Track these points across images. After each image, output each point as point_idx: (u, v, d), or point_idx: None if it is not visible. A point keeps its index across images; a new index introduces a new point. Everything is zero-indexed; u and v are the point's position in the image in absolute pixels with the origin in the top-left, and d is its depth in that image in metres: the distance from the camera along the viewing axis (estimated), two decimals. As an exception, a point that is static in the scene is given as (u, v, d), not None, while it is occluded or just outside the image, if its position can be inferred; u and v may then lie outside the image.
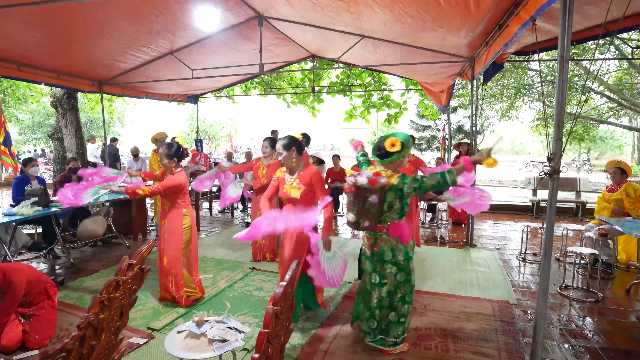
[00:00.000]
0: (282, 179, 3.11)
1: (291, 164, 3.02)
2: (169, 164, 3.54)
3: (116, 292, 2.02)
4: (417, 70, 6.40)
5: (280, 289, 1.76)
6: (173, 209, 3.54)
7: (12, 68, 5.19)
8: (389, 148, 2.71)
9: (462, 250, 5.44)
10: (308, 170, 3.03)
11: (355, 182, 2.62)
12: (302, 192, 2.95)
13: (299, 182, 2.99)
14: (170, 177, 3.50)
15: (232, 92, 11.21)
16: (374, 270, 2.77)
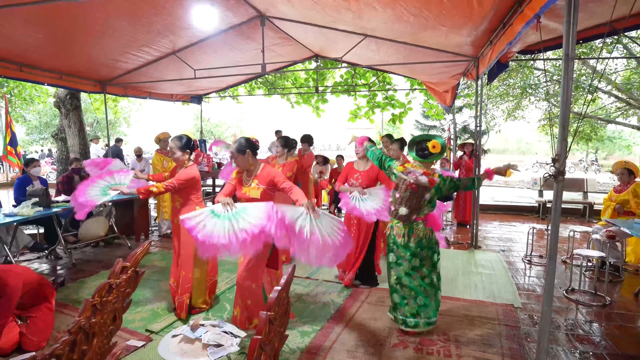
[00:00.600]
0: (240, 180, 3.13)
1: (248, 166, 3.05)
2: (182, 157, 3.35)
3: (109, 295, 1.99)
4: (420, 69, 6.33)
5: (275, 293, 1.71)
6: (185, 206, 3.34)
7: (14, 68, 5.20)
8: (431, 149, 3.02)
9: (466, 252, 5.36)
10: (265, 169, 3.07)
11: (417, 180, 2.92)
12: (262, 192, 3.00)
13: (257, 182, 3.03)
14: (183, 170, 3.31)
15: (237, 92, 11.20)
16: (415, 255, 3.07)
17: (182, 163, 3.40)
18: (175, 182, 3.20)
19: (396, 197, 3.09)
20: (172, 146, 3.35)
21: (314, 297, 3.82)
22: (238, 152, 2.97)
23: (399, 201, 3.06)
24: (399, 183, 3.07)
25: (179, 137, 3.39)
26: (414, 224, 3.05)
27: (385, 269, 4.03)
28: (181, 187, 3.25)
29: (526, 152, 37.03)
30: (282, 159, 4.82)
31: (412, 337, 3.05)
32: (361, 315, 3.43)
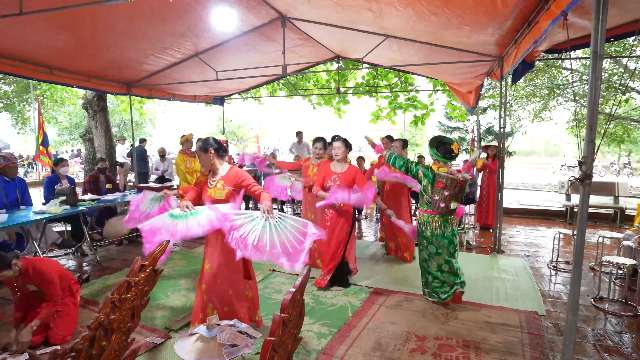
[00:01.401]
0: (205, 182, 3.11)
1: (209, 165, 3.04)
2: (207, 159, 3.01)
3: (127, 293, 2.03)
4: (443, 70, 6.22)
5: (289, 295, 1.71)
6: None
7: (45, 72, 5.41)
8: (455, 151, 3.56)
9: (488, 257, 5.23)
10: (232, 170, 3.04)
11: (465, 177, 3.50)
12: (227, 193, 2.97)
13: (223, 183, 3.00)
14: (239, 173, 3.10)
15: (259, 94, 11.31)
16: (452, 242, 3.58)
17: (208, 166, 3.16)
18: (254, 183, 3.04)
19: (445, 195, 3.50)
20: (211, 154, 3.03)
21: (332, 299, 3.79)
22: (200, 150, 3.00)
23: (448, 198, 3.51)
24: (447, 182, 3.47)
25: (215, 141, 3.06)
26: (449, 216, 3.56)
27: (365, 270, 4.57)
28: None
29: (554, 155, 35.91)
30: (316, 160, 4.81)
31: (430, 343, 2.99)
32: (379, 319, 3.39)
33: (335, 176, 4.02)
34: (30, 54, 5.00)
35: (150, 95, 7.51)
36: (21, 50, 4.86)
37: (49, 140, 9.21)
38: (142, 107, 15.01)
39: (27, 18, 4.05)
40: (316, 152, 4.78)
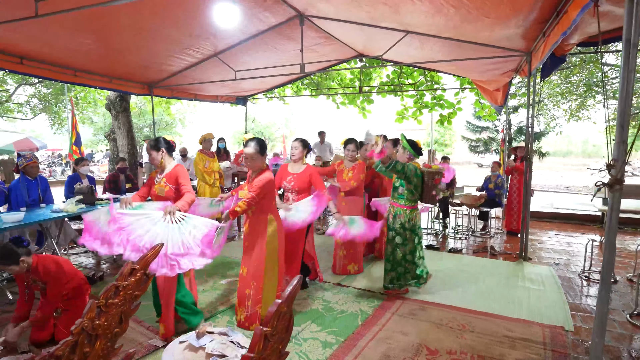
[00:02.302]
0: (153, 179, 3.28)
1: (159, 163, 3.20)
2: (260, 162, 3.12)
3: (115, 297, 1.97)
4: (467, 67, 5.93)
5: (274, 306, 1.58)
6: (256, 214, 3.12)
7: (69, 73, 5.53)
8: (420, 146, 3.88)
9: (514, 264, 4.92)
10: (175, 169, 3.18)
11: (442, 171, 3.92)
12: (168, 191, 3.13)
13: (165, 180, 3.16)
14: (257, 179, 3.06)
15: (283, 93, 11.28)
16: (417, 234, 3.86)
17: (257, 169, 3.15)
18: (254, 194, 2.95)
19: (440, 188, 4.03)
20: (251, 152, 3.05)
21: (342, 306, 3.65)
22: (152, 149, 3.17)
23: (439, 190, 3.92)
24: (438, 177, 3.77)
25: (258, 139, 3.11)
26: (416, 210, 3.83)
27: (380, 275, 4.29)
28: (260, 197, 3.00)
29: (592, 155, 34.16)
30: (350, 163, 4.57)
31: (443, 357, 2.79)
32: (390, 328, 3.21)
33: (291, 177, 3.86)
34: (55, 56, 5.13)
35: (172, 96, 7.59)
36: (46, 52, 4.99)
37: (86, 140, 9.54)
38: (169, 107, 15.37)
39: (49, 22, 4.15)
40: (349, 155, 4.56)
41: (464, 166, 24.18)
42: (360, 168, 4.53)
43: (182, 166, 3.24)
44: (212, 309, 3.55)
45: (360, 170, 4.52)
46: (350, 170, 4.55)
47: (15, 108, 15.56)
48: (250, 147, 3.08)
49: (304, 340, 3.00)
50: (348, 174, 4.56)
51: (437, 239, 6.34)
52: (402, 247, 3.77)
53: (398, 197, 3.80)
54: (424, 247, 4.12)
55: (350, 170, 4.55)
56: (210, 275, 4.45)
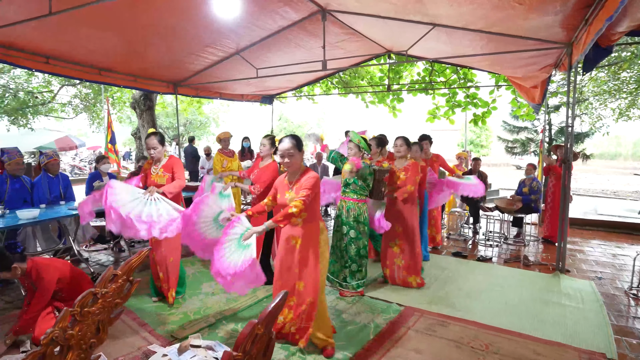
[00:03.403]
0: (149, 169, 3.62)
1: (162, 156, 3.59)
2: (299, 159, 2.77)
3: (92, 305, 1.85)
4: (500, 62, 5.53)
5: (247, 327, 1.39)
6: (307, 221, 2.75)
7: (95, 73, 5.61)
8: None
9: (549, 276, 4.49)
10: (170, 159, 3.60)
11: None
12: (167, 179, 3.52)
13: (163, 170, 3.56)
14: (306, 177, 2.71)
15: (312, 92, 11.14)
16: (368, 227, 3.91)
17: (298, 168, 2.79)
18: (305, 197, 2.60)
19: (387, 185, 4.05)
20: (287, 148, 2.70)
21: (354, 316, 3.41)
22: (159, 143, 3.54)
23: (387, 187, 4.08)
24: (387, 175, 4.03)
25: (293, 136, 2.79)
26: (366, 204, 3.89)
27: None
28: (310, 200, 2.69)
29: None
30: (401, 162, 4.24)
31: (460, 382, 2.50)
32: (403, 345, 2.95)
33: (257, 171, 4.14)
34: (79, 55, 5.20)
35: (197, 95, 7.60)
36: (70, 52, 5.06)
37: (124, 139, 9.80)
38: (201, 107, 15.60)
39: (71, 21, 4.20)
40: (397, 151, 4.14)
41: (501, 168, 23.13)
42: (415, 169, 4.07)
43: (175, 156, 3.67)
44: (219, 314, 3.41)
45: (415, 171, 4.06)
46: (402, 172, 4.09)
47: (59, 108, 16.37)
48: (287, 142, 2.70)
49: (309, 354, 2.79)
50: (400, 175, 4.12)
51: (466, 245, 5.95)
52: (356, 241, 3.81)
53: (350, 192, 3.85)
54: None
55: (402, 171, 4.10)
56: (223, 278, 4.33)
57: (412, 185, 4.02)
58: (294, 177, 2.79)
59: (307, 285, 2.78)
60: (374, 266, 4.74)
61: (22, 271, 2.75)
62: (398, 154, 4.18)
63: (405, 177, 4.07)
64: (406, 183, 4.04)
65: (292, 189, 2.74)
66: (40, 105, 15.02)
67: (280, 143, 2.74)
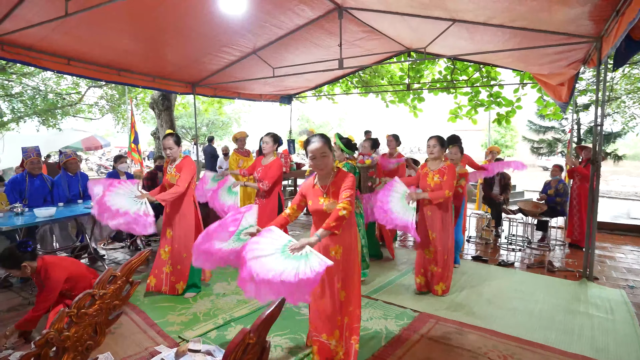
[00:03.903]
0: (166, 168, 3.83)
1: (177, 156, 3.80)
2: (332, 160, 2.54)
3: (90, 307, 1.82)
4: (524, 59, 5.31)
5: (239, 336, 1.31)
6: (347, 226, 2.54)
7: (114, 73, 5.69)
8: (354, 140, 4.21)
9: (575, 284, 4.25)
10: (182, 160, 3.77)
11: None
12: (178, 179, 3.65)
13: (175, 170, 3.74)
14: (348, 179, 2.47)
15: (333, 92, 11.06)
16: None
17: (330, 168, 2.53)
18: (352, 192, 2.41)
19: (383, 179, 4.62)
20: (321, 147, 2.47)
21: (366, 322, 3.30)
22: (175, 144, 3.76)
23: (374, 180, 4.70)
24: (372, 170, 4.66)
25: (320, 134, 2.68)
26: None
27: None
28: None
29: (684, 160, 30.16)
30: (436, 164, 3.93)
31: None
32: (416, 354, 2.82)
33: (260, 168, 4.30)
34: (99, 56, 5.29)
35: (215, 95, 7.63)
36: (90, 53, 5.15)
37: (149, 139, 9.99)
38: (222, 107, 15.76)
39: (91, 22, 4.28)
40: (430, 152, 3.80)
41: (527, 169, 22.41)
42: (452, 173, 3.70)
43: (189, 158, 3.80)
44: (228, 316, 3.37)
45: (452, 175, 3.70)
46: (436, 174, 3.76)
47: (86, 109, 16.89)
48: (318, 142, 2.43)
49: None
50: (433, 178, 3.76)
51: (487, 249, 5.73)
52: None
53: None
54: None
55: (437, 174, 3.76)
56: (235, 278, 4.29)
57: (450, 190, 3.66)
58: (327, 180, 2.50)
59: (349, 295, 2.54)
60: (384, 269, 4.61)
61: (32, 269, 2.77)
62: (431, 156, 3.82)
63: (439, 181, 3.71)
64: (442, 187, 3.67)
65: (326, 193, 2.47)
66: (68, 106, 15.54)
67: (311, 143, 2.45)
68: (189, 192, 3.75)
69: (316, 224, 2.56)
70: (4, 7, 3.90)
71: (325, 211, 2.43)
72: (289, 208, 2.60)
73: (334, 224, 2.28)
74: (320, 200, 2.48)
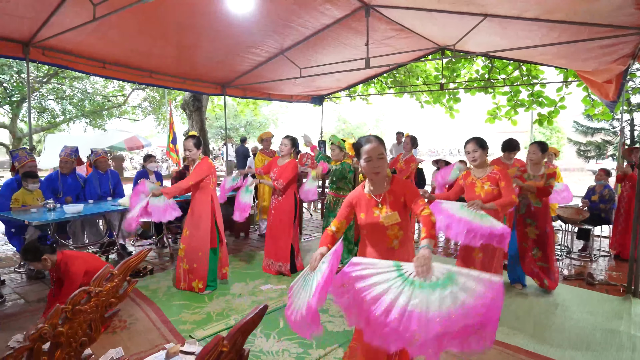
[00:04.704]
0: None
1: (196, 158, 3.91)
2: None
3: (86, 304, 1.83)
4: (565, 55, 4.94)
5: (212, 343, 1.26)
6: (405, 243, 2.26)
7: (146, 75, 5.89)
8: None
9: (618, 299, 3.88)
10: (199, 162, 3.87)
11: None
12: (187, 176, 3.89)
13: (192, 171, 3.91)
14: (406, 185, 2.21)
15: (367, 92, 10.93)
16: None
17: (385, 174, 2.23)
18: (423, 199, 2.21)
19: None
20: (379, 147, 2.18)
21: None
22: (194, 147, 3.91)
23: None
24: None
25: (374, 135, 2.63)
26: None
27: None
28: None
29: None
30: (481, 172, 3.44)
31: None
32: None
33: (277, 168, 4.49)
34: (132, 59, 5.50)
35: (245, 96, 7.73)
36: (124, 56, 5.37)
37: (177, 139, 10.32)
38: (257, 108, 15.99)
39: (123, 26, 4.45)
40: (472, 159, 3.24)
41: (574, 173, 21.06)
42: (508, 176, 3.25)
43: (205, 160, 3.89)
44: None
45: (509, 178, 3.25)
46: (486, 182, 3.24)
47: (131, 110, 17.76)
48: (374, 141, 2.12)
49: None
50: (484, 187, 3.25)
51: (522, 258, 5.38)
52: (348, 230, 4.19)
53: (338, 189, 4.59)
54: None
55: (487, 181, 3.24)
56: (254, 279, 4.29)
57: (515, 195, 3.21)
58: (381, 187, 2.16)
59: None
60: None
61: (52, 263, 2.89)
62: (474, 163, 3.26)
63: (492, 189, 3.21)
64: (505, 194, 3.15)
65: (381, 203, 2.13)
66: (113, 108, 16.39)
67: (366, 143, 2.11)
68: (205, 192, 3.82)
69: (369, 239, 2.20)
70: (43, 15, 4.14)
71: (383, 224, 2.09)
72: (334, 224, 2.20)
73: (434, 232, 1.96)
74: (375, 211, 2.13)
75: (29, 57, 4.69)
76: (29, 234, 4.08)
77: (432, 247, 1.84)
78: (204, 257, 3.81)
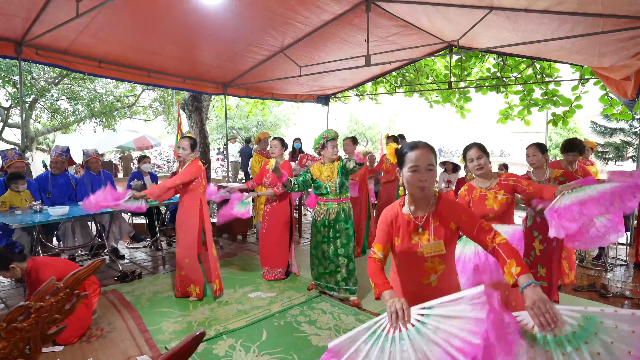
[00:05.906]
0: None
1: (187, 159, 3.75)
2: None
3: (24, 321, 1.67)
4: (579, 49, 4.64)
5: None
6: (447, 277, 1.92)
7: (144, 75, 5.77)
8: None
9: (635, 315, 3.56)
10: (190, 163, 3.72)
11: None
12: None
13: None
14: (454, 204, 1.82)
15: (376, 92, 10.71)
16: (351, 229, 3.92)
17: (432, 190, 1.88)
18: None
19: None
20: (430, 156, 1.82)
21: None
22: (190, 148, 3.76)
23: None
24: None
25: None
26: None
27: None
28: None
29: None
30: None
31: None
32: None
33: (270, 174, 4.33)
34: (128, 58, 5.38)
35: (247, 95, 7.59)
36: (121, 55, 5.25)
37: None
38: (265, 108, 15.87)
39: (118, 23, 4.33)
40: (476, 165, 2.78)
41: (594, 176, 20.37)
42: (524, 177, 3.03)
43: (196, 162, 3.69)
44: (222, 327, 3.16)
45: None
46: (499, 192, 2.80)
47: (142, 111, 17.85)
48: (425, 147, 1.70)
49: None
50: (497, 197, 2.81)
51: (531, 266, 5.08)
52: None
53: (341, 194, 3.95)
54: None
55: (499, 190, 2.80)
56: (243, 286, 4.11)
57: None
58: (425, 207, 1.73)
59: None
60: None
61: (22, 271, 2.75)
62: (480, 171, 2.80)
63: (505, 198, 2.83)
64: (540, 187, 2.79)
65: (423, 227, 1.71)
66: (124, 108, 16.49)
67: (414, 149, 1.67)
68: (193, 196, 3.66)
69: (401, 269, 1.81)
70: (33, 13, 4.05)
71: (423, 255, 1.69)
72: (378, 249, 1.75)
73: (520, 258, 1.52)
74: (414, 237, 1.71)
75: (22, 57, 4.60)
76: (16, 237, 3.99)
77: (534, 281, 1.40)
78: (192, 264, 3.65)
